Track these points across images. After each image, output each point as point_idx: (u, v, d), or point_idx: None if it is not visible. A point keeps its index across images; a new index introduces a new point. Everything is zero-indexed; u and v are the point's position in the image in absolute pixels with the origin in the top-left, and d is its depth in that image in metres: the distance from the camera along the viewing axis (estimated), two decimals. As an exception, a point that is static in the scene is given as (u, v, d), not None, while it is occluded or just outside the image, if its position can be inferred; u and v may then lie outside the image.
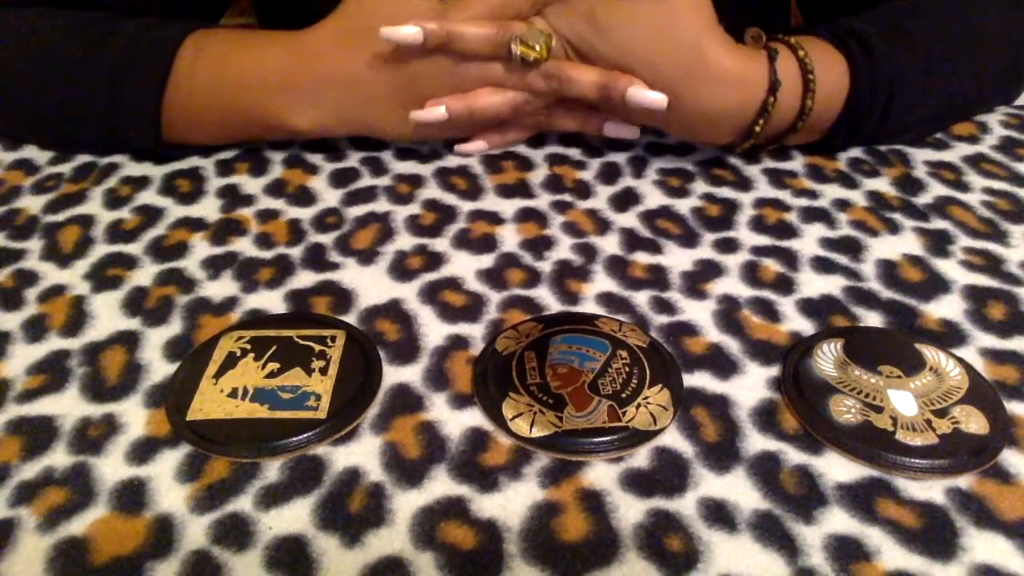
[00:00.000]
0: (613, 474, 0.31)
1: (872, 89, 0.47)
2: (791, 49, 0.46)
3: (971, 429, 0.33)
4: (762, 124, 0.46)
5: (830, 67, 0.47)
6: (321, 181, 0.50)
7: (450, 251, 0.44)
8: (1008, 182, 0.50)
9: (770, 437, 0.33)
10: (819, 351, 0.36)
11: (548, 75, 0.46)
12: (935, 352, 0.36)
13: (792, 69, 0.46)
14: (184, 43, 0.48)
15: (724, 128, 0.47)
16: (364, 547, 0.29)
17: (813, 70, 0.46)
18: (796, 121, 0.47)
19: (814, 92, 0.46)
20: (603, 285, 0.41)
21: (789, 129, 0.48)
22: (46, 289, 0.41)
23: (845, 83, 0.47)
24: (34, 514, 0.30)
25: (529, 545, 0.29)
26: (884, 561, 0.28)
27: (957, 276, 0.42)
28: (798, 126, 0.47)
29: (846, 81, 0.47)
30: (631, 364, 0.35)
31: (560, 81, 0.46)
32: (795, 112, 0.47)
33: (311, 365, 0.35)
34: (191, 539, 0.29)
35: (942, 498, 0.31)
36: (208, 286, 0.41)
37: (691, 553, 0.29)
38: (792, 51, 0.46)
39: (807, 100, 0.46)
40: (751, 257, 0.43)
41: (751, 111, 0.46)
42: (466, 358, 0.37)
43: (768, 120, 0.46)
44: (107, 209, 0.47)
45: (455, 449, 0.32)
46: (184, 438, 0.33)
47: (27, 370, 0.36)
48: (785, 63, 0.45)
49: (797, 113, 0.47)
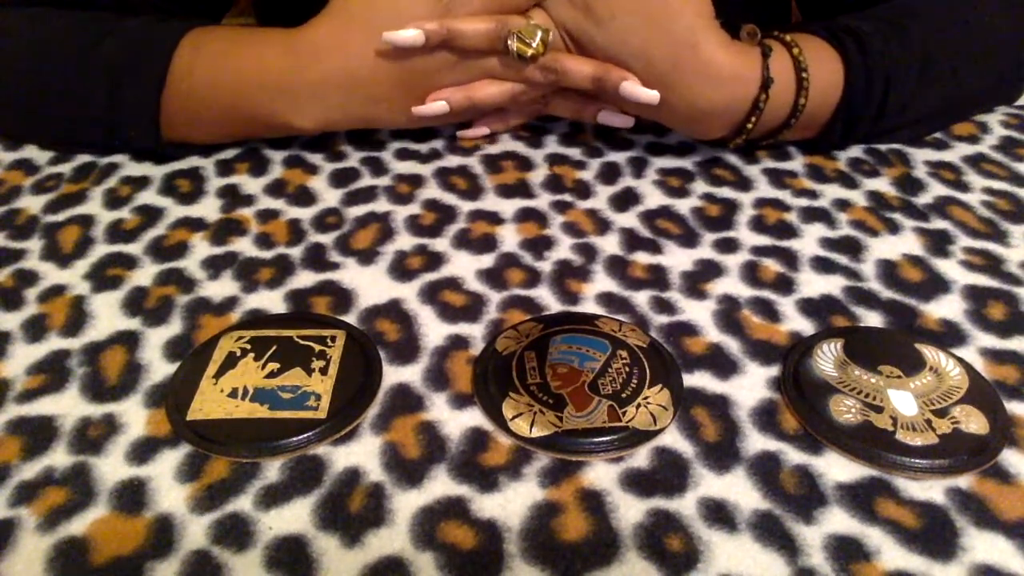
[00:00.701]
0: (613, 474, 0.31)
1: (867, 86, 0.47)
2: (785, 46, 0.47)
3: (971, 429, 0.33)
4: (754, 121, 0.47)
5: (824, 64, 0.47)
6: (321, 181, 0.50)
7: (450, 251, 0.44)
8: (1008, 182, 0.50)
9: (770, 437, 0.33)
10: (819, 351, 0.36)
11: (545, 68, 0.47)
12: (935, 352, 0.36)
13: (786, 67, 0.46)
14: (182, 42, 0.48)
15: (716, 123, 0.48)
16: (364, 547, 0.29)
17: (807, 68, 0.46)
18: (789, 118, 0.47)
19: (807, 90, 0.46)
20: (603, 285, 0.41)
21: (782, 126, 0.48)
22: (46, 289, 0.41)
23: (840, 80, 0.47)
24: (34, 514, 0.30)
25: (529, 545, 0.29)
26: (884, 561, 0.28)
27: (957, 276, 0.42)
28: (791, 123, 0.48)
29: (840, 78, 0.47)
30: (631, 364, 0.35)
31: (557, 73, 0.47)
32: (788, 109, 0.47)
33: (311, 365, 0.35)
34: (191, 539, 0.29)
35: (942, 498, 0.31)
36: (208, 286, 0.41)
37: (691, 553, 0.29)
38: (787, 48, 0.47)
39: (800, 98, 0.46)
40: (751, 257, 0.43)
41: (743, 107, 0.46)
42: (466, 358, 0.37)
43: (760, 117, 0.46)
44: (107, 209, 0.47)
45: (455, 449, 0.32)
46: (184, 438, 0.33)
47: (27, 370, 0.36)
48: (779, 61, 0.46)
49: (790, 110, 0.47)
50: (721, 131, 0.49)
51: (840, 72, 0.47)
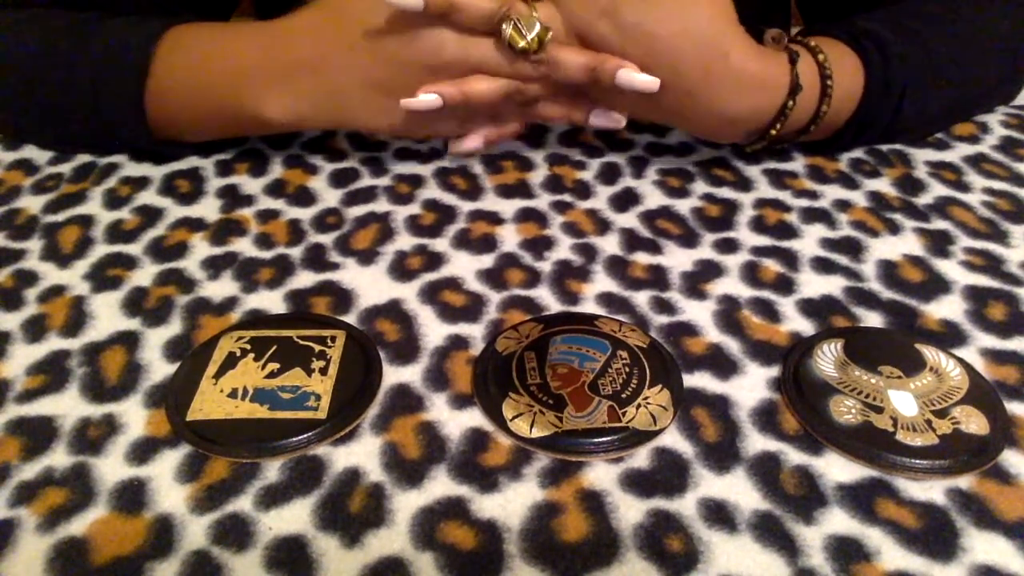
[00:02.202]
0: (613, 474, 0.31)
1: (884, 92, 0.47)
2: (811, 52, 0.46)
3: (971, 429, 0.33)
4: (779, 127, 0.46)
5: (846, 70, 0.46)
6: (321, 181, 0.50)
7: (450, 251, 0.43)
8: (1008, 182, 0.50)
9: (770, 437, 0.33)
10: (819, 351, 0.36)
11: (536, 58, 0.43)
12: (935, 352, 0.36)
13: (812, 73, 0.45)
14: (163, 38, 0.47)
15: (740, 129, 0.47)
16: (364, 547, 0.29)
17: (832, 75, 0.45)
18: (809, 124, 0.47)
19: (831, 97, 0.46)
20: (603, 285, 0.41)
21: (802, 130, 0.48)
22: (46, 289, 0.41)
23: (859, 87, 0.47)
24: (34, 514, 0.30)
25: (529, 545, 0.29)
26: (884, 561, 0.28)
27: (957, 276, 0.42)
28: (810, 129, 0.47)
29: (860, 85, 0.47)
30: (631, 364, 0.35)
31: (548, 64, 0.43)
32: (810, 115, 0.46)
33: (311, 365, 0.35)
34: (191, 539, 0.29)
35: (942, 498, 0.31)
36: (208, 286, 0.41)
37: (691, 553, 0.29)
38: (812, 54, 0.46)
39: (823, 104, 0.46)
40: (751, 257, 0.43)
41: (770, 114, 0.45)
42: (466, 358, 0.37)
43: (784, 123, 0.46)
44: (107, 209, 0.47)
45: (455, 449, 0.32)
46: (184, 438, 0.33)
47: (27, 370, 0.36)
48: (805, 67, 0.45)
49: (812, 116, 0.46)
50: (744, 137, 0.48)
51: (860, 80, 0.47)
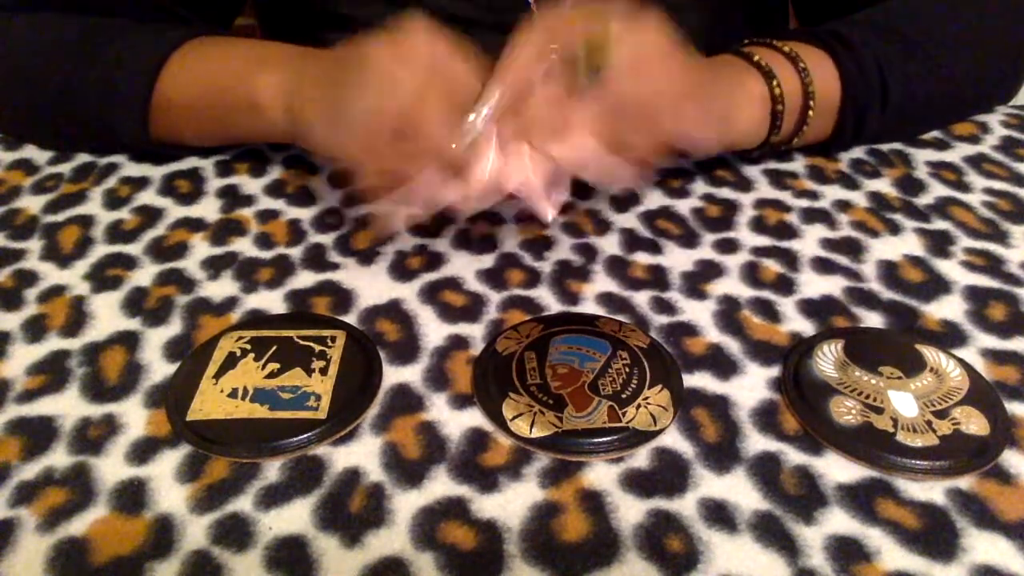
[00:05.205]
0: (613, 474, 0.31)
1: (860, 72, 0.48)
2: (782, 54, 0.47)
3: (971, 430, 0.33)
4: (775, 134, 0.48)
5: (817, 62, 0.48)
6: (321, 181, 0.50)
7: (450, 251, 0.43)
8: (1009, 182, 0.50)
9: (770, 438, 0.33)
10: (819, 352, 0.36)
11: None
12: (935, 353, 0.36)
13: (794, 85, 0.47)
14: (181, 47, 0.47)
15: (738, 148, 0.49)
16: (364, 547, 0.29)
17: (808, 68, 0.47)
18: (801, 123, 0.48)
19: (813, 94, 0.47)
20: (603, 285, 0.41)
21: (796, 130, 0.49)
22: (46, 289, 0.41)
23: (834, 72, 0.48)
24: (34, 514, 0.30)
25: (529, 545, 0.29)
26: (884, 562, 0.28)
27: (958, 277, 0.42)
28: (803, 130, 0.48)
29: (834, 71, 0.48)
30: (631, 364, 0.35)
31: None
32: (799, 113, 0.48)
33: (311, 365, 0.35)
34: (191, 539, 0.29)
35: (943, 499, 0.31)
36: (208, 286, 0.41)
37: (691, 553, 0.29)
38: (783, 55, 0.47)
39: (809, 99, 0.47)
40: (751, 258, 0.43)
41: (764, 132, 0.48)
42: (466, 358, 0.37)
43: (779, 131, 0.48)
44: (107, 209, 0.47)
45: (455, 449, 0.32)
46: (184, 438, 0.33)
47: (27, 370, 0.36)
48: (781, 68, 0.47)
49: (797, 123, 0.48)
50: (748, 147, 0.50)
51: (832, 66, 0.48)
